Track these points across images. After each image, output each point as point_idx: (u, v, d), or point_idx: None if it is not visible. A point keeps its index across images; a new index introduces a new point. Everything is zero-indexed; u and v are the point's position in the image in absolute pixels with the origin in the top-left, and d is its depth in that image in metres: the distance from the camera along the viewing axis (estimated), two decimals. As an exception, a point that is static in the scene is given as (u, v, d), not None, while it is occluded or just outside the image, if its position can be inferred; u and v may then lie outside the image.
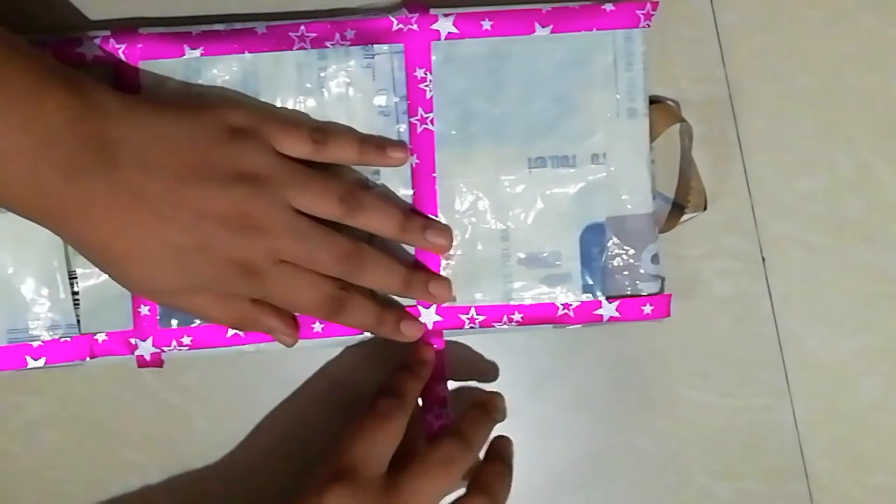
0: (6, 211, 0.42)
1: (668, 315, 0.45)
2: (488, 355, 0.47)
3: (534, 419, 0.48)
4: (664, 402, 0.48)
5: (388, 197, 0.43)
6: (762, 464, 0.48)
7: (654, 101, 0.45)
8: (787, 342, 0.48)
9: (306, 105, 0.43)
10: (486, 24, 0.43)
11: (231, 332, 0.44)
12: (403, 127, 0.44)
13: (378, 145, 0.42)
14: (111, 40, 0.42)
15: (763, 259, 0.47)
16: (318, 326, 0.44)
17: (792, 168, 0.47)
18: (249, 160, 0.39)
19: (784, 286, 0.48)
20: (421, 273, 0.44)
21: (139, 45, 0.42)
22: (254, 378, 0.47)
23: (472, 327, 0.45)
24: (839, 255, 0.47)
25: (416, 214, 0.43)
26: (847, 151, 0.47)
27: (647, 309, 0.45)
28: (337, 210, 0.40)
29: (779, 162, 0.47)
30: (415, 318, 0.44)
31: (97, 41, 0.42)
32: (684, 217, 0.46)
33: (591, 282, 0.45)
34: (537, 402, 0.48)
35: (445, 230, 0.44)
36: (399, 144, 0.43)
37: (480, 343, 0.47)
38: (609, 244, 0.44)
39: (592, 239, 0.44)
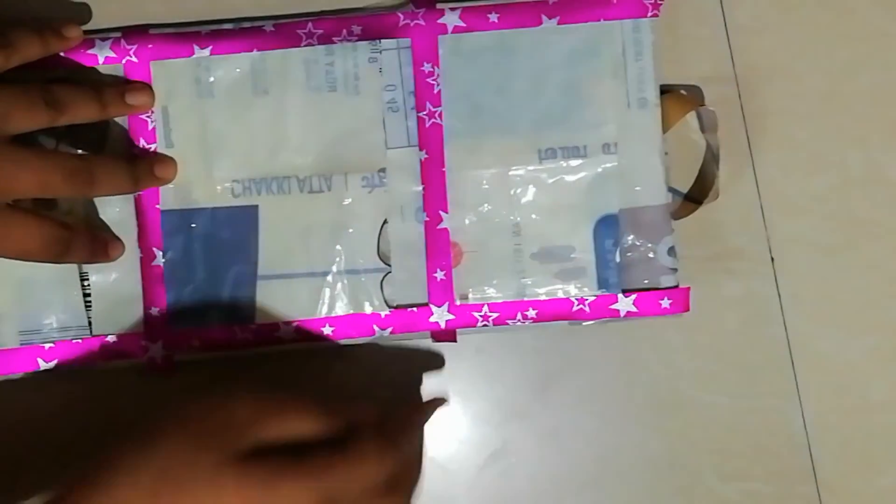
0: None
1: (688, 309, 0.44)
2: (496, 356, 0.47)
3: (541, 420, 0.47)
4: (672, 402, 0.47)
5: (81, 86, 0.41)
6: (771, 465, 0.47)
7: (667, 90, 0.44)
8: (796, 343, 0.47)
9: (315, 101, 0.43)
10: (493, 17, 0.43)
11: (241, 334, 0.44)
12: (412, 121, 0.43)
13: (53, 29, 0.41)
14: (122, 41, 0.43)
15: (772, 259, 0.46)
16: (327, 329, 0.44)
17: (802, 168, 0.47)
18: None
19: (793, 287, 0.47)
20: (143, 163, 0.42)
21: (149, 46, 0.43)
22: (260, 380, 0.46)
23: (485, 325, 0.44)
24: (849, 256, 0.47)
25: (110, 87, 0.42)
26: (857, 151, 0.46)
27: (666, 303, 0.44)
28: (45, 115, 0.39)
29: (788, 161, 0.47)
30: (112, 241, 0.43)
31: (108, 43, 0.43)
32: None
33: (606, 276, 0.44)
34: (545, 402, 0.47)
35: (142, 87, 0.43)
36: (69, 24, 0.41)
37: (488, 342, 0.47)
38: (624, 236, 0.44)
39: (606, 231, 0.44)
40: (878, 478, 0.47)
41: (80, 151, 0.43)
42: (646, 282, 0.44)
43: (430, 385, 0.47)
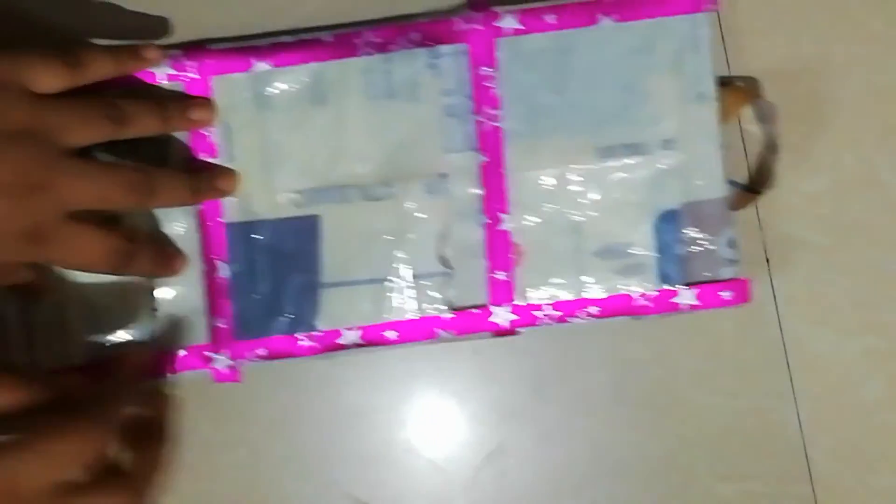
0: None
1: (748, 300, 0.44)
2: (493, 357, 0.47)
3: (538, 420, 0.47)
4: (668, 403, 0.47)
5: (145, 100, 0.41)
6: (767, 465, 0.47)
7: (724, 83, 0.44)
8: (791, 343, 0.47)
9: (374, 109, 0.43)
10: (551, 18, 0.43)
11: (305, 342, 0.44)
12: (470, 125, 0.43)
13: (130, 50, 0.41)
14: (182, 58, 0.43)
15: (767, 261, 0.47)
16: (391, 334, 0.44)
17: (796, 169, 0.47)
18: (9, 114, 0.37)
19: (788, 288, 0.47)
20: (203, 174, 0.42)
21: (209, 61, 0.43)
22: (260, 381, 0.46)
23: (547, 324, 0.44)
24: (844, 257, 0.47)
25: (172, 101, 0.42)
26: (852, 153, 0.46)
27: (727, 295, 0.44)
28: (107, 128, 0.39)
29: (783, 163, 0.46)
30: (176, 254, 0.43)
31: (168, 60, 0.42)
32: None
33: (668, 270, 0.44)
34: (542, 403, 0.47)
35: (205, 102, 0.42)
36: (148, 45, 0.42)
37: (485, 344, 0.47)
38: (685, 230, 0.44)
39: (667, 226, 0.44)
40: (874, 477, 0.47)
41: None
42: (707, 275, 0.44)
43: (428, 386, 0.47)
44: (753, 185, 0.46)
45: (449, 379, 0.47)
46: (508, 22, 0.43)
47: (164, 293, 0.44)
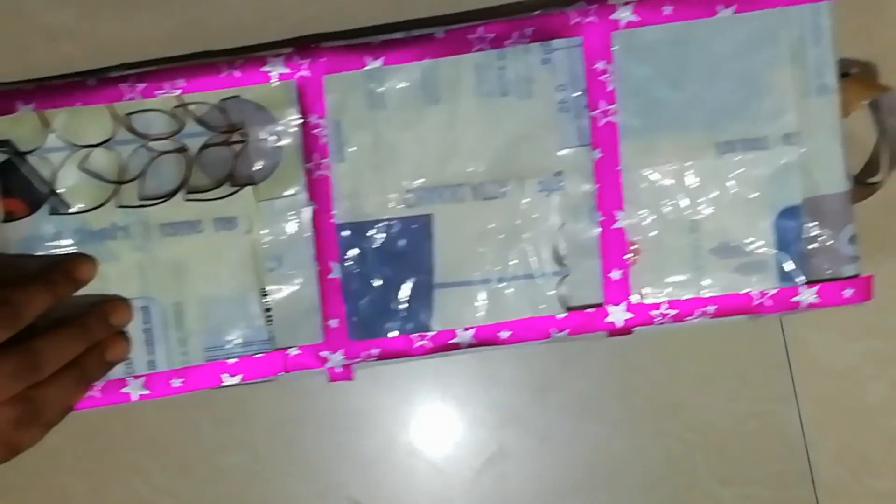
0: (200, 231, 0.43)
1: (870, 298, 0.43)
2: (494, 359, 0.46)
3: (539, 423, 0.47)
4: (670, 406, 0.47)
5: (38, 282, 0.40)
6: (768, 468, 0.47)
7: (843, 74, 0.43)
8: (793, 346, 0.46)
9: (487, 107, 0.43)
10: (667, 10, 0.42)
11: (419, 342, 0.44)
12: (584, 121, 0.43)
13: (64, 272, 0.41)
14: (295, 56, 0.43)
15: None
16: (505, 333, 0.44)
17: None
18: None
19: None
20: (94, 315, 0.42)
21: (322, 60, 0.43)
22: (260, 383, 0.46)
23: (663, 323, 0.44)
24: None
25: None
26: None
27: (848, 293, 0.43)
28: None
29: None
30: (122, 343, 0.43)
31: (281, 59, 0.42)
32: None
33: (788, 268, 0.43)
34: (543, 406, 0.47)
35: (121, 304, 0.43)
36: (80, 258, 0.42)
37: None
38: (806, 227, 0.43)
39: (788, 223, 0.43)
40: (875, 481, 0.47)
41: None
42: (829, 272, 0.43)
43: (430, 388, 0.47)
44: (866, 178, 0.45)
45: (450, 382, 0.47)
46: (624, 14, 0.42)
47: (281, 293, 0.44)
